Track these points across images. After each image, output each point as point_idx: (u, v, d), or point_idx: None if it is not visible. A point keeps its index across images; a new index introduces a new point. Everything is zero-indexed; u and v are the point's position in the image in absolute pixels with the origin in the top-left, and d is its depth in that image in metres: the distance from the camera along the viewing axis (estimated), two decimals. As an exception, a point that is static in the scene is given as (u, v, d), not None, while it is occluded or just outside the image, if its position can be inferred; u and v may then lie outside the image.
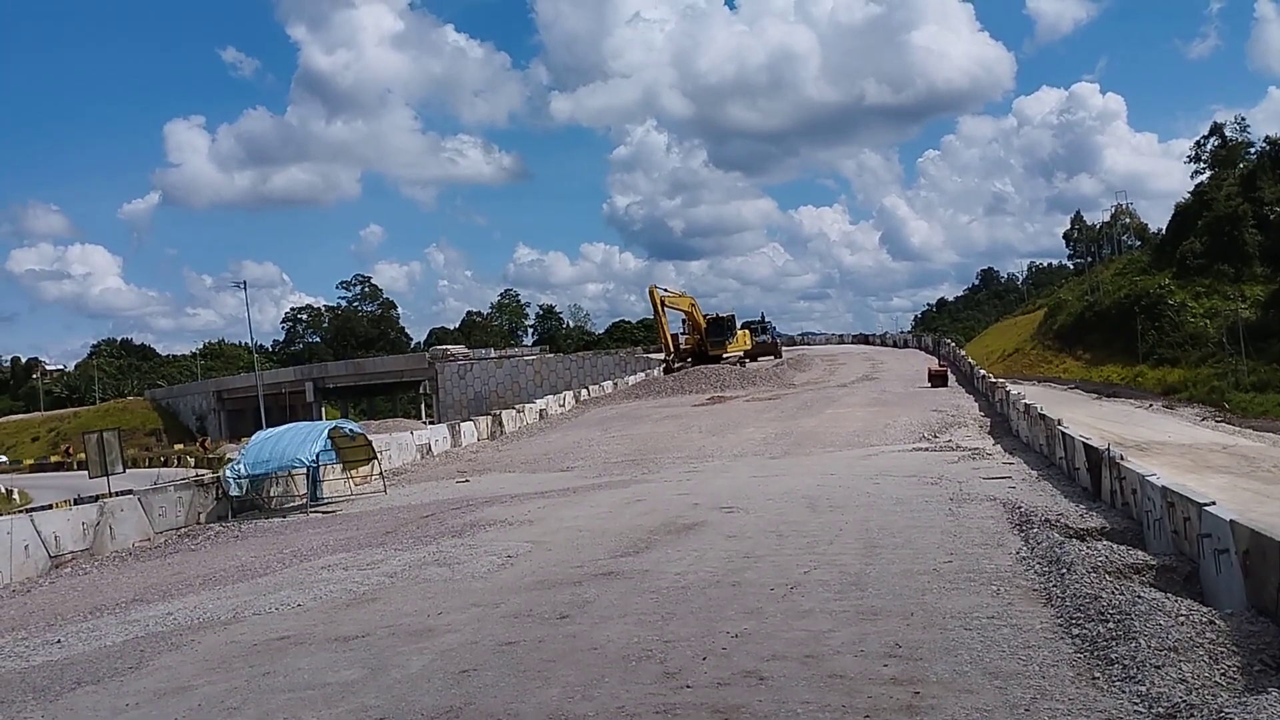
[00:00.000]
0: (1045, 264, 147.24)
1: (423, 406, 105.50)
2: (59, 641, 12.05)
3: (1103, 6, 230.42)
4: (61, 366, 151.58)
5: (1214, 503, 10.17)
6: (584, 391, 54.88)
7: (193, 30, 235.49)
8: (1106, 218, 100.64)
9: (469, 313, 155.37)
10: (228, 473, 24.10)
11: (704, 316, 62.51)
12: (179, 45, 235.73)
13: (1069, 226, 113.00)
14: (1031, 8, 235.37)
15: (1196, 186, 77.11)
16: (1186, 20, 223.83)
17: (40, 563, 18.45)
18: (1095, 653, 7.93)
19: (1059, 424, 20.38)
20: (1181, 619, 8.48)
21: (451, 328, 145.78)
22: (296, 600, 12.74)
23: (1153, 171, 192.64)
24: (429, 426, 45.87)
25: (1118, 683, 7.28)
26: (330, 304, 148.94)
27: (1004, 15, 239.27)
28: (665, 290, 62.26)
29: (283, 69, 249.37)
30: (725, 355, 60.71)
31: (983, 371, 42.89)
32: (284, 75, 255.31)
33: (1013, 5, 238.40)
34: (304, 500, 25.20)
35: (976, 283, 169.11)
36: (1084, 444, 17.46)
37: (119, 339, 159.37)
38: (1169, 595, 9.41)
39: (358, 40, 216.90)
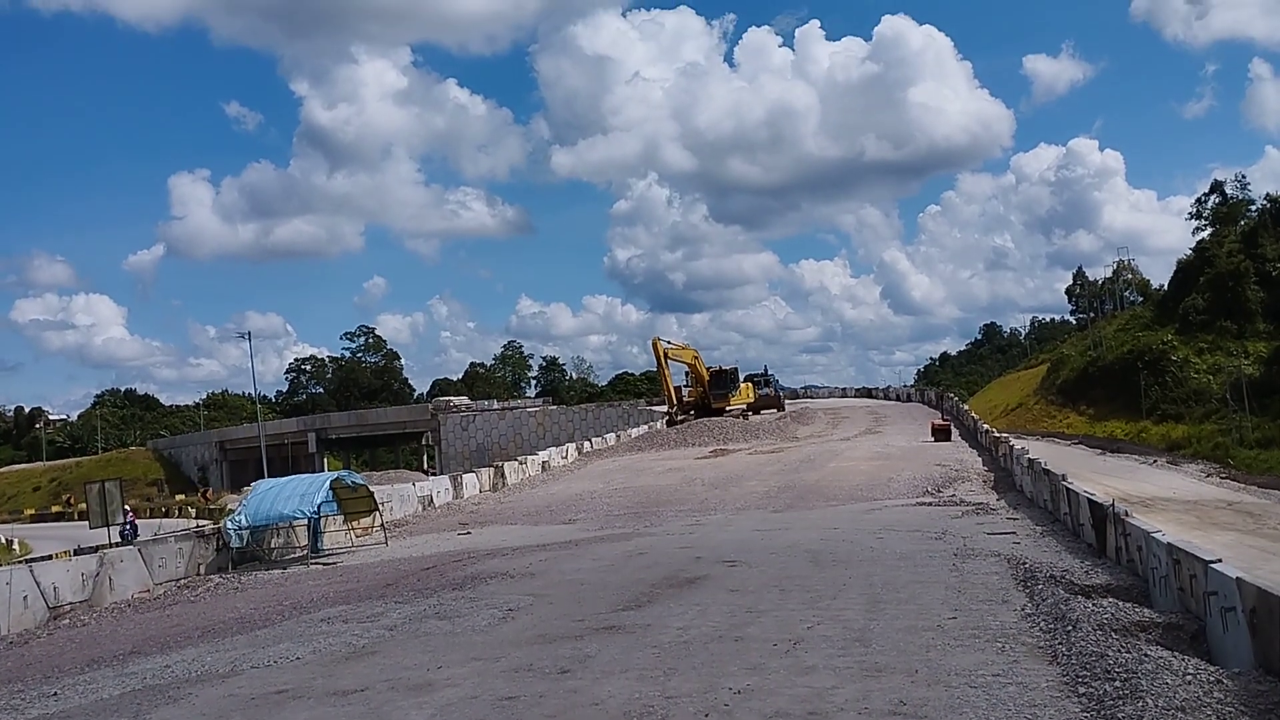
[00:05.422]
0: (1047, 319, 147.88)
1: (425, 458, 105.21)
2: (55, 694, 11.93)
3: (1099, 68, 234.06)
4: (64, 416, 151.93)
5: (1220, 560, 10.10)
6: (587, 443, 54.78)
7: (197, 85, 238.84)
8: (1108, 273, 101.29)
9: (472, 364, 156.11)
10: (228, 524, 24.00)
11: (707, 369, 62.63)
12: (183, 100, 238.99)
13: (1071, 282, 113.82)
14: (1029, 68, 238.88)
15: (1198, 243, 77.66)
16: (1181, 81, 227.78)
17: (38, 614, 18.33)
18: (1102, 712, 7.84)
19: (1063, 479, 20.30)
20: (1189, 678, 8.40)
21: (454, 379, 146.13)
22: (295, 653, 12.63)
23: (1152, 228, 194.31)
24: (431, 478, 45.72)
25: (1125, 742, 7.18)
26: (334, 355, 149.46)
27: (1001, 74, 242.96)
28: (668, 343, 62.48)
29: (286, 123, 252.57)
30: (728, 408, 60.76)
31: (986, 426, 42.83)
32: (287, 129, 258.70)
33: (1010, 64, 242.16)
34: (305, 552, 25.08)
35: (979, 337, 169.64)
36: (1088, 500, 17.38)
37: (122, 389, 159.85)
38: (1175, 654, 9.32)
39: (360, 95, 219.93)
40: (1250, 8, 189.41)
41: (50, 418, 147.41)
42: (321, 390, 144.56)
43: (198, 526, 34.94)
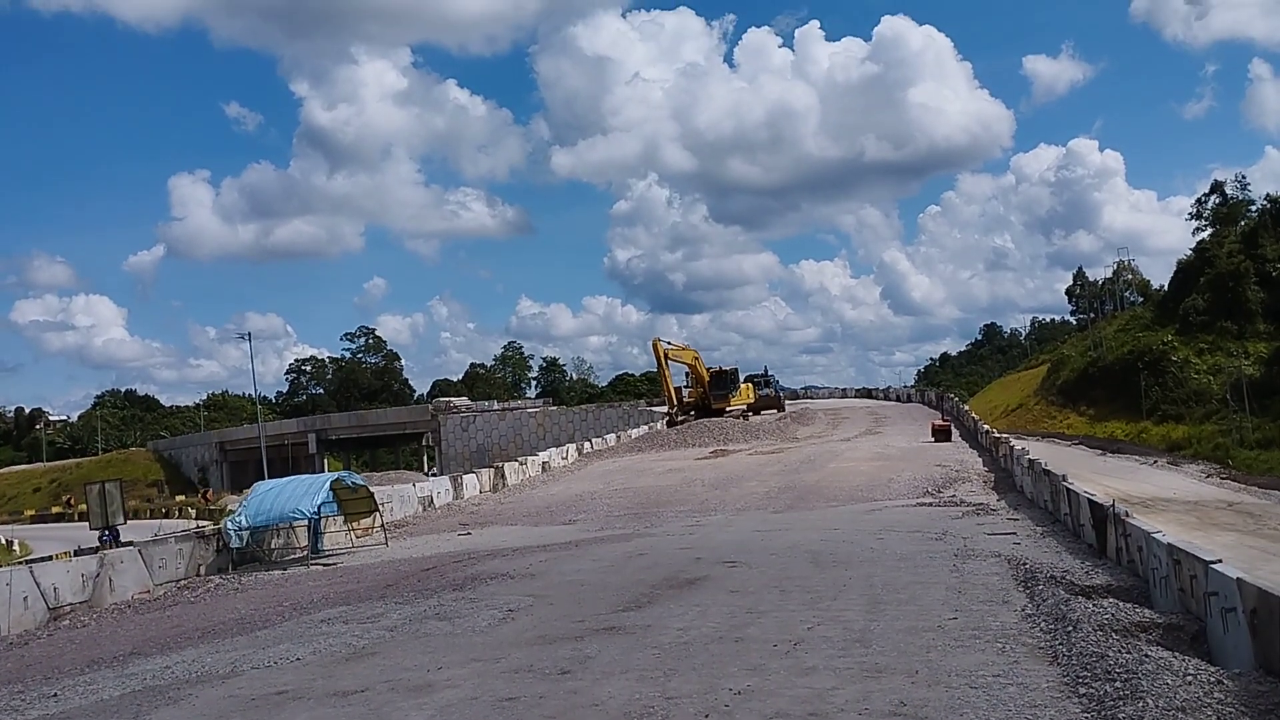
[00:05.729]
0: (1048, 319, 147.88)
1: (425, 458, 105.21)
2: (55, 695, 11.94)
3: (1098, 68, 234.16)
4: (65, 417, 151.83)
5: (1220, 560, 10.09)
6: (587, 444, 54.78)
7: (197, 86, 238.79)
8: (1109, 274, 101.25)
9: (472, 365, 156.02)
10: (228, 524, 23.98)
11: (707, 370, 62.61)
12: (183, 100, 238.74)
13: (1071, 282, 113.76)
14: (1029, 68, 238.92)
15: (1198, 243, 77.62)
16: (1181, 81, 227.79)
17: (39, 614, 18.32)
18: (1102, 713, 7.84)
19: (1064, 480, 20.30)
20: (1189, 678, 8.40)
21: (455, 380, 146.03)
22: (295, 654, 12.63)
23: (1152, 228, 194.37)
24: (431, 478, 45.71)
25: (1125, 743, 7.17)
26: (334, 355, 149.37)
27: (1001, 74, 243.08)
28: (669, 343, 62.46)
29: (286, 124, 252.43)
30: (728, 408, 60.75)
31: (986, 426, 42.82)
32: (287, 130, 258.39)
33: (1010, 65, 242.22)
34: (305, 552, 25.07)
35: (979, 338, 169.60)
36: (1089, 500, 17.37)
37: (122, 390, 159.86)
38: (1176, 654, 9.31)
39: (360, 96, 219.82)
40: (1250, 8, 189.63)
41: (50, 419, 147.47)
42: (322, 391, 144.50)
43: (198, 527, 34.89)
